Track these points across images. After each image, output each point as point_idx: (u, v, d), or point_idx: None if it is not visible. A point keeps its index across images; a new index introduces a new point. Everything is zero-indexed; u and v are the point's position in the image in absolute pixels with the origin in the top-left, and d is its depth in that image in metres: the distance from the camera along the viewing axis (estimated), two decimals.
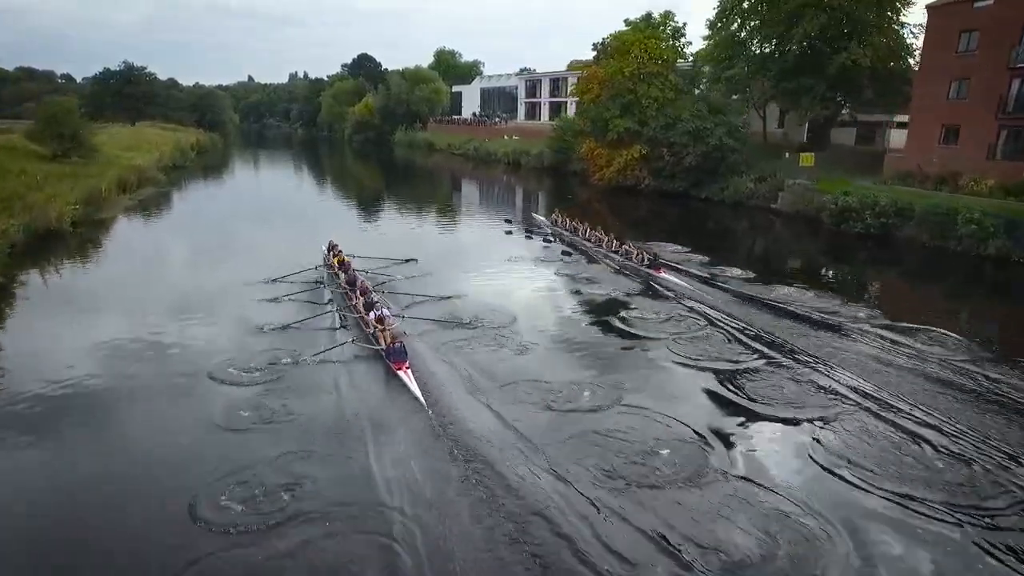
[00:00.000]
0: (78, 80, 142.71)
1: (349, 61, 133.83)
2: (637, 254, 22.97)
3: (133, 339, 15.30)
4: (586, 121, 41.96)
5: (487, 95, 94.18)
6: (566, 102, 70.78)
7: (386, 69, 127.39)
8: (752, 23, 40.45)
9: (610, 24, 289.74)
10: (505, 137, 69.67)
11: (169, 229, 31.01)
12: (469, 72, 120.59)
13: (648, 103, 38.74)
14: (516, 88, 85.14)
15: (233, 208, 39.56)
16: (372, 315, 14.87)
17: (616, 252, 24.18)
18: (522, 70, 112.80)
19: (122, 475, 10.14)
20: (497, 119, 78.70)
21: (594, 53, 44.25)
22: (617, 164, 39.97)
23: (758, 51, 41.35)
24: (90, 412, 11.97)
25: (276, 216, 36.13)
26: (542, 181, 55.48)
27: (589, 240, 26.39)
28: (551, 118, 73.32)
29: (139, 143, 63.46)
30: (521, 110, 78.90)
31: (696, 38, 46.73)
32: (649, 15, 41.26)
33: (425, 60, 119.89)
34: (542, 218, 31.97)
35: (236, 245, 27.35)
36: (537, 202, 42.21)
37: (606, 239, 25.38)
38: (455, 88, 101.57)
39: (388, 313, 15.03)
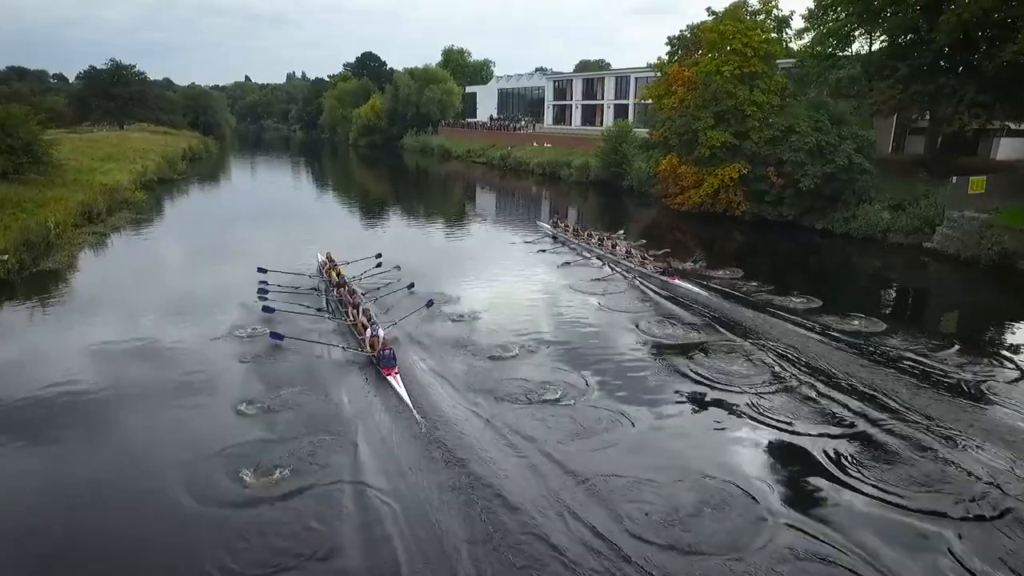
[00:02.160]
0: (71, 80, 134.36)
1: (349, 60, 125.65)
2: (647, 261, 22.55)
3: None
4: (666, 132, 33.38)
5: (506, 97, 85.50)
6: (602, 105, 62.45)
7: (392, 68, 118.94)
8: (868, 11, 32.04)
9: (610, 23, 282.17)
10: (535, 144, 61.13)
11: (137, 275, 22.28)
12: (479, 72, 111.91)
13: (751, 111, 30.33)
14: (541, 90, 76.56)
15: (225, 231, 31.05)
16: (366, 328, 14.84)
17: (626, 259, 23.60)
18: (537, 70, 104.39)
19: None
20: (523, 123, 70.01)
21: (668, 48, 35.90)
22: (709, 186, 31.55)
23: (876, 45, 33.08)
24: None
25: (277, 241, 28.19)
26: (587, 198, 47.02)
27: (597, 246, 25.63)
28: (584, 123, 65.01)
29: (122, 151, 54.69)
30: (548, 114, 70.22)
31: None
32: (744, 2, 32.65)
33: (425, 60, 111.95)
34: (546, 225, 30.91)
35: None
36: (588, 223, 33.55)
37: (612, 245, 25.01)
38: (469, 89, 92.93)
39: (379, 322, 15.20)
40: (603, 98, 61.92)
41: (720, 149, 31.03)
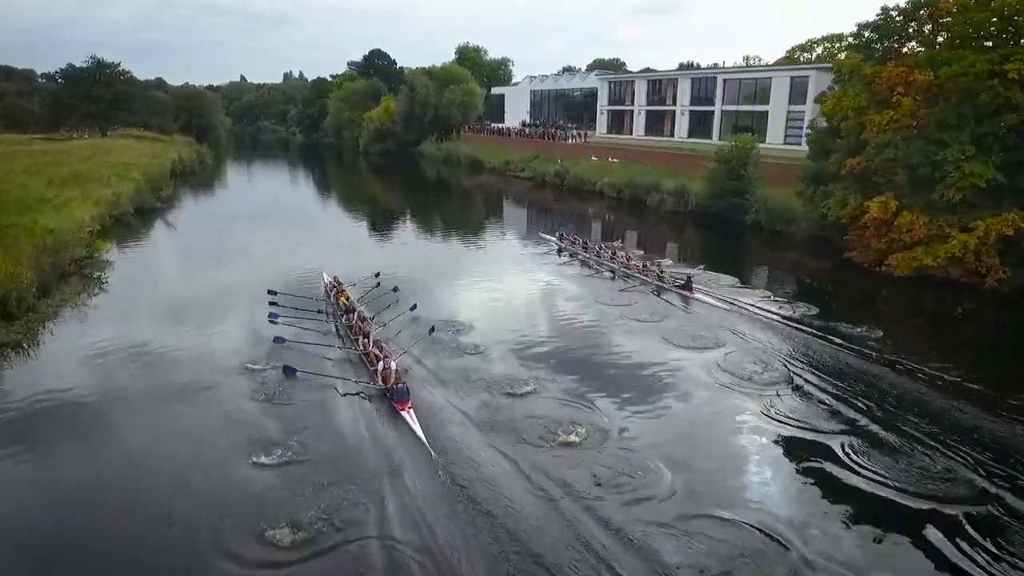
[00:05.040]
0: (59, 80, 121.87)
1: (351, 59, 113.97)
2: (663, 273, 21.72)
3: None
4: (879, 161, 22.07)
5: (540, 100, 74.00)
6: (672, 112, 51.18)
7: (402, 67, 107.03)
8: None
9: (610, 23, 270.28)
10: (593, 157, 49.84)
11: (72, 434, 11.16)
12: (496, 71, 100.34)
13: None
14: (583, 91, 65.24)
15: (219, 296, 19.60)
16: (375, 355, 14.26)
17: (642, 272, 22.48)
18: (565, 69, 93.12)
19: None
20: (575, 131, 58.49)
21: (851, 40, 24.70)
22: (956, 245, 20.36)
23: None
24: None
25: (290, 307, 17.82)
26: (684, 231, 35.84)
27: (611, 260, 24.27)
28: (648, 132, 53.73)
29: (94, 168, 42.81)
30: (602, 120, 58.62)
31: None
32: None
33: (426, 60, 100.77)
34: (551, 237, 29.54)
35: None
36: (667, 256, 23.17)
37: (623, 257, 24.06)
38: (495, 90, 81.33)
39: (392, 355, 14.24)
40: (675, 104, 50.49)
41: (974, 190, 19.97)
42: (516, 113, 75.77)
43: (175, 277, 23.81)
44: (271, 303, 18.37)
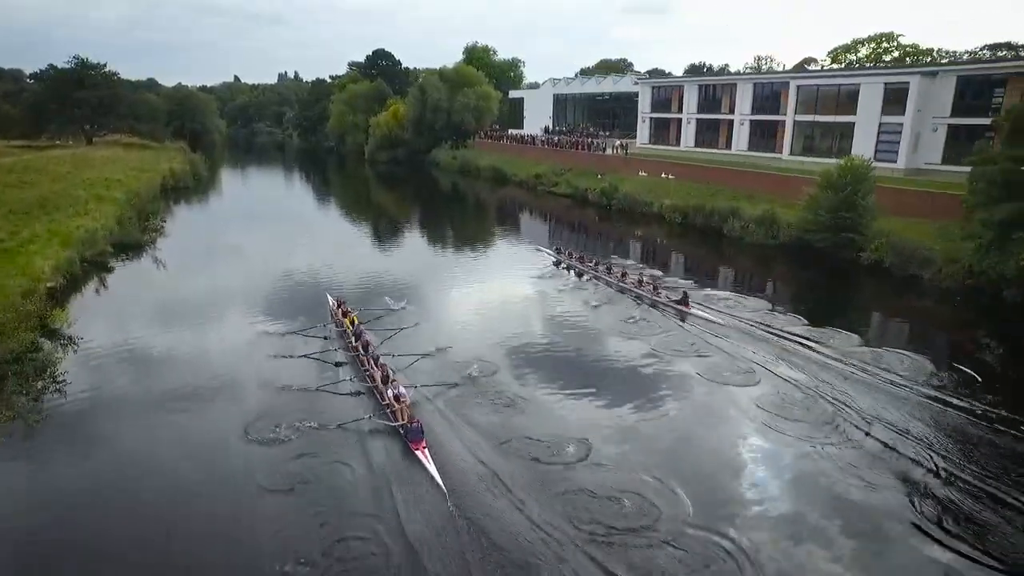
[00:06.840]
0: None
1: (349, 59, 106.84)
2: (660, 288, 21.72)
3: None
4: None
5: (563, 104, 67.30)
6: (730, 121, 44.63)
7: (406, 68, 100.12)
8: None
9: (609, 22, 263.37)
10: (643, 173, 43.31)
11: None
12: (509, 72, 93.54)
13: None
14: (613, 96, 58.60)
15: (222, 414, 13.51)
16: (389, 391, 13.33)
17: (639, 287, 22.35)
18: (582, 71, 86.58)
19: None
20: (617, 143, 51.75)
21: None
22: None
23: None
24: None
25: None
26: (774, 271, 29.30)
27: (610, 275, 23.96)
28: (699, 144, 47.20)
29: (71, 188, 36.33)
30: (644, 128, 51.91)
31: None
32: None
33: (426, 60, 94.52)
34: (548, 251, 29.08)
35: None
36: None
37: (622, 273, 23.78)
38: (513, 94, 74.64)
39: (404, 390, 13.40)
40: (733, 112, 43.90)
41: None
42: (536, 119, 69.15)
43: (160, 355, 17.02)
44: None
